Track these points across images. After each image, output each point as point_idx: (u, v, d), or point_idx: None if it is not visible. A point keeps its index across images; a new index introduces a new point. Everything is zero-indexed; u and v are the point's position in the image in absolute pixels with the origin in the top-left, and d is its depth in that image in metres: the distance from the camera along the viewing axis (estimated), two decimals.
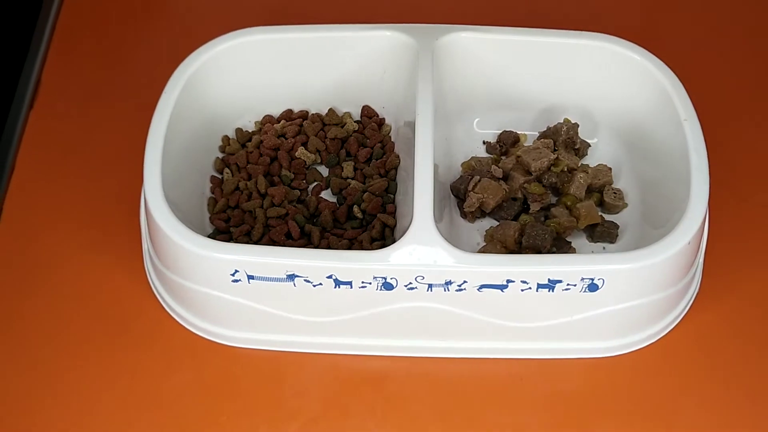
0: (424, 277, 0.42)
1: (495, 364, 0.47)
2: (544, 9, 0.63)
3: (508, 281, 0.43)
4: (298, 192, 0.51)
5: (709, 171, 0.46)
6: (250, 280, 0.43)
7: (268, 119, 0.54)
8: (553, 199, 0.51)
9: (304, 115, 0.55)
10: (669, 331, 0.47)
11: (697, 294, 0.49)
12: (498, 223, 0.50)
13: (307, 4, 0.63)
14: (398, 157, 0.52)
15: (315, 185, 0.52)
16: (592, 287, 0.43)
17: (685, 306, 0.48)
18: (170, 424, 0.45)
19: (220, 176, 0.52)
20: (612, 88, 0.53)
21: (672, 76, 0.50)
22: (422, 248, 0.42)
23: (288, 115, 0.55)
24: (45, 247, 0.51)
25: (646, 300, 0.44)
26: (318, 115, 0.55)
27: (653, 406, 0.45)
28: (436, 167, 0.47)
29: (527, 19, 0.55)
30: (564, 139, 0.52)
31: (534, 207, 0.50)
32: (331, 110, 0.55)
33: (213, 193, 0.52)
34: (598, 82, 0.53)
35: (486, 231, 0.50)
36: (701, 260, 0.48)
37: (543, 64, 0.53)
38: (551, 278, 0.42)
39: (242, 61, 0.52)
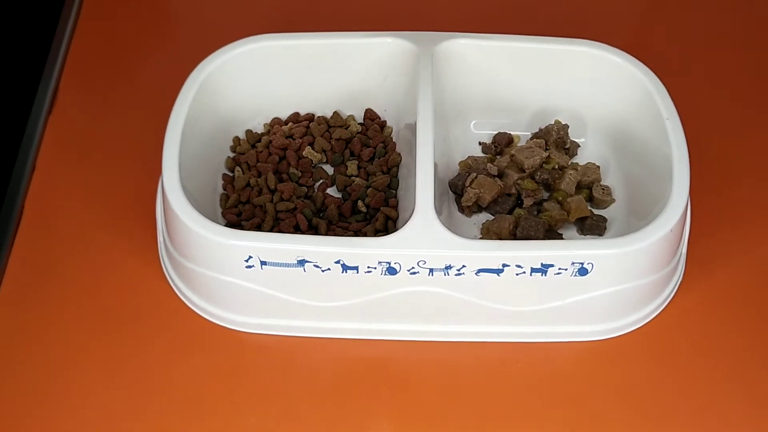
0: (425, 262, 0.46)
1: (492, 347, 0.50)
2: (538, 17, 0.67)
3: (504, 265, 0.46)
4: (305, 188, 0.55)
5: (690, 166, 0.49)
6: (263, 266, 0.46)
7: (276, 121, 0.58)
8: (545, 195, 0.55)
9: (310, 117, 0.58)
10: (655, 316, 0.50)
11: (681, 281, 0.52)
12: (493, 217, 0.53)
13: (314, 13, 0.66)
14: (399, 155, 0.55)
15: (321, 182, 0.55)
16: (582, 271, 0.46)
17: (670, 292, 0.51)
18: (183, 406, 0.48)
19: (231, 174, 0.55)
20: (599, 91, 0.56)
21: (654, 78, 0.53)
22: (424, 234, 0.45)
23: (295, 117, 0.58)
24: (64, 238, 0.54)
25: (633, 285, 0.48)
26: (323, 118, 0.58)
27: (642, 388, 0.48)
28: (435, 165, 0.50)
29: (521, 27, 0.58)
30: (555, 139, 0.56)
31: (527, 202, 0.53)
32: (335, 113, 0.58)
33: (225, 189, 0.55)
34: (586, 86, 0.56)
35: (482, 224, 0.53)
36: (684, 249, 0.52)
37: (535, 69, 0.56)
38: (544, 263, 0.46)
39: (252, 66, 0.56)
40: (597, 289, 0.47)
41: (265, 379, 0.49)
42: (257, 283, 0.47)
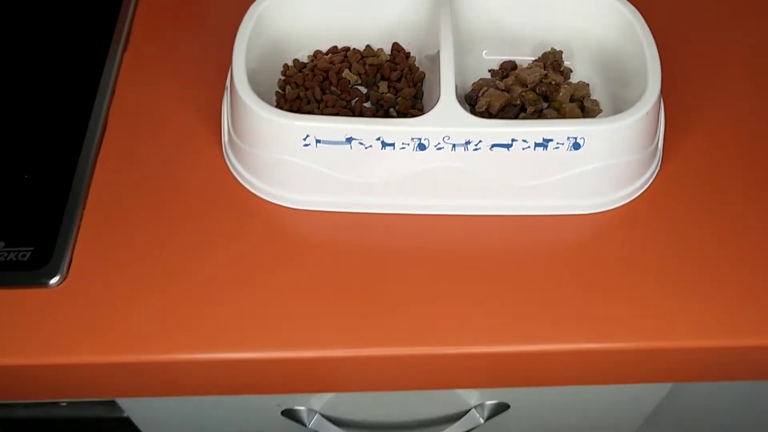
0: (449, 138, 0.56)
1: (502, 219, 0.60)
2: None
3: (513, 140, 0.56)
4: (344, 102, 0.65)
5: (663, 74, 0.60)
6: (318, 144, 0.57)
7: (318, 53, 0.69)
8: (545, 105, 0.65)
9: (346, 49, 0.69)
10: (640, 194, 0.61)
11: (660, 167, 0.63)
12: None
13: None
14: (423, 72, 0.66)
15: (357, 100, 0.66)
16: (576, 146, 0.57)
17: (652, 173, 0.62)
18: (244, 275, 0.58)
19: (282, 91, 0.66)
20: (588, 25, 0.67)
21: (633, 9, 0.65)
22: (448, 114, 0.56)
23: (334, 50, 0.69)
24: (144, 143, 0.64)
25: (618, 161, 0.58)
26: (357, 50, 0.69)
27: (635, 253, 0.58)
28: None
29: None
30: (551, 62, 0.67)
31: (530, 110, 0.64)
32: (367, 46, 0.69)
33: (278, 103, 0.66)
34: (579, 21, 0.67)
35: None
36: (661, 137, 0.62)
37: (536, 7, 0.67)
38: (545, 137, 0.56)
39: (299, 3, 0.67)
40: (589, 163, 0.58)
41: (314, 249, 0.59)
42: (312, 161, 0.58)
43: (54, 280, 0.57)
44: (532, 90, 0.65)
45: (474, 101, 0.65)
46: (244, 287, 0.57)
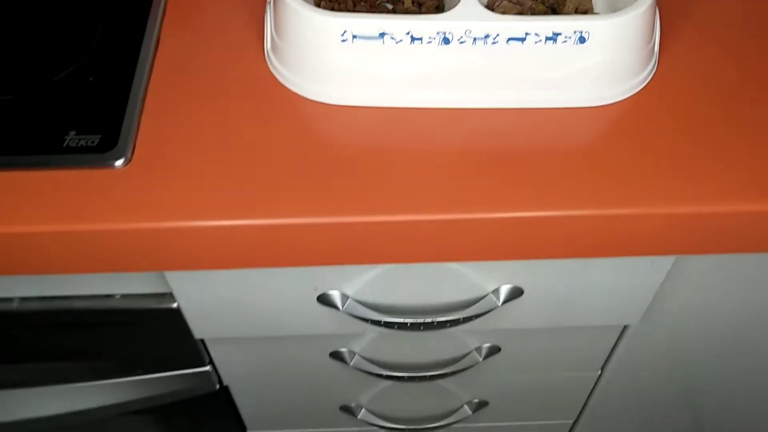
0: (471, 31, 0.64)
1: (520, 112, 0.68)
2: None
3: (526, 34, 0.64)
4: None
5: None
6: (354, 40, 0.64)
7: None
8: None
9: None
10: (641, 89, 0.68)
11: (657, 67, 0.70)
12: None
13: None
14: None
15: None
16: (581, 39, 0.64)
17: (651, 70, 0.69)
18: (283, 155, 0.65)
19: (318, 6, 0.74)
20: None
21: None
22: (470, 10, 0.64)
23: None
24: (196, 44, 0.72)
25: (621, 55, 0.66)
26: None
27: (642, 138, 0.66)
28: None
29: None
30: None
31: None
32: None
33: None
34: None
35: None
36: (657, 39, 0.70)
37: None
38: (554, 31, 0.64)
39: None
40: (594, 56, 0.65)
41: (347, 141, 0.66)
42: (348, 57, 0.65)
43: (119, 162, 0.64)
44: (542, 2, 0.73)
45: None
46: (281, 165, 0.64)
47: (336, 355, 0.87)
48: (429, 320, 0.73)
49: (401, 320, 0.73)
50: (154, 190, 0.63)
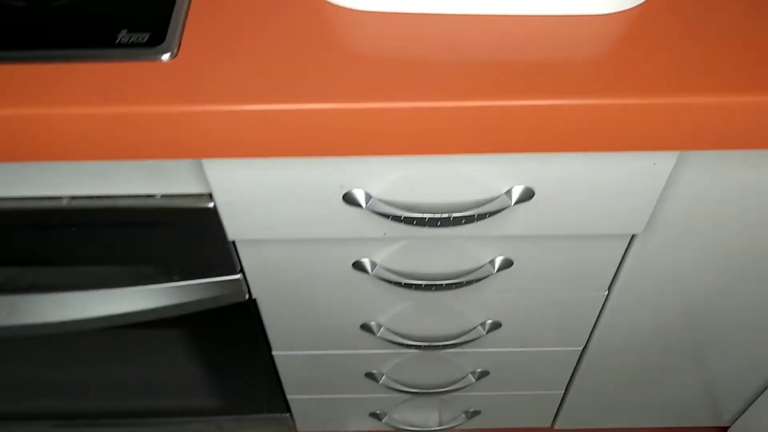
0: None
1: (536, 19, 0.74)
2: None
3: None
4: None
5: None
6: None
7: None
8: None
9: None
10: None
11: None
12: None
13: None
14: None
15: None
16: None
17: None
18: (313, 52, 0.71)
19: None
20: None
21: None
22: None
23: None
24: None
25: None
26: None
27: (654, 37, 0.71)
28: None
29: None
30: None
31: None
32: None
33: None
34: None
35: None
36: None
37: None
38: None
39: None
40: None
41: (373, 44, 0.72)
42: None
43: (166, 56, 0.71)
44: None
45: None
46: (313, 63, 0.70)
47: (358, 265, 0.93)
48: (445, 215, 0.79)
49: (419, 215, 0.79)
50: (196, 79, 0.69)
